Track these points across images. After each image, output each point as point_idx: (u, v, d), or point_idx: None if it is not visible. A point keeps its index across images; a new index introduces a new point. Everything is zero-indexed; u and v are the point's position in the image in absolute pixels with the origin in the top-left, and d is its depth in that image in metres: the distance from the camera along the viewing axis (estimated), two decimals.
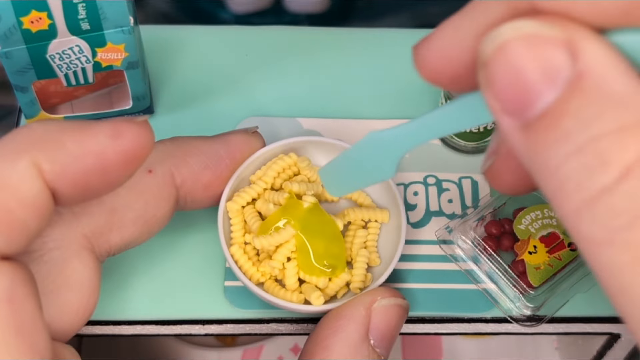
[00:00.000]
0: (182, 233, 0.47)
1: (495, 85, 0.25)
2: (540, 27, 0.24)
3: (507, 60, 0.24)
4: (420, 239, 0.48)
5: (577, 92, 0.23)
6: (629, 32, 0.24)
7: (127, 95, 0.49)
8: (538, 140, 0.24)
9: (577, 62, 0.23)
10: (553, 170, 0.24)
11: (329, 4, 0.75)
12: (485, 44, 0.25)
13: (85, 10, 0.42)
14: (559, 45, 0.24)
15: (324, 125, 0.51)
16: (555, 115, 0.23)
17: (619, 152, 0.22)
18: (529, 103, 0.24)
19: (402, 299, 0.42)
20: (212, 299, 0.46)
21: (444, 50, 0.28)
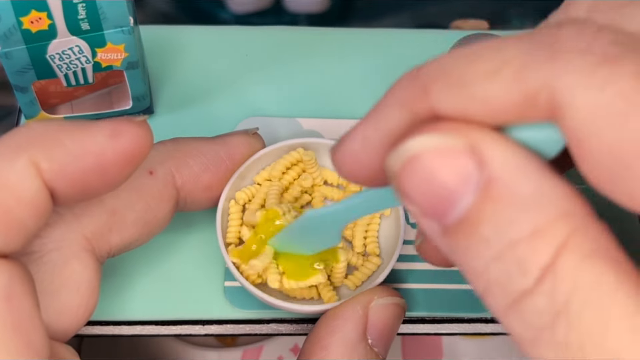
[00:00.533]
0: (182, 233, 0.47)
1: (410, 195, 0.26)
2: (443, 138, 0.25)
3: (418, 173, 0.25)
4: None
5: (488, 198, 0.24)
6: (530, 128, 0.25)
7: (127, 95, 0.49)
8: (459, 245, 0.25)
9: (483, 169, 0.24)
10: (478, 274, 0.24)
11: (329, 4, 0.75)
12: (393, 159, 0.26)
13: (85, 10, 0.42)
14: (463, 153, 0.24)
15: (324, 125, 0.51)
16: (472, 222, 0.24)
17: (535, 257, 0.23)
18: (446, 210, 0.25)
19: (399, 298, 0.42)
20: (212, 299, 0.46)
21: (354, 156, 0.29)
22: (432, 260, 0.36)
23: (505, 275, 0.24)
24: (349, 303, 0.41)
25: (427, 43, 0.55)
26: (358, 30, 0.57)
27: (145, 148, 0.34)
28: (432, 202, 0.25)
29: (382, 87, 0.52)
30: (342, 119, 0.52)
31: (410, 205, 0.26)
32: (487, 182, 0.24)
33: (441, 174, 0.25)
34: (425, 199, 0.25)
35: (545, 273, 0.23)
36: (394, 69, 0.54)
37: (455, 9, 0.71)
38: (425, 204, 0.25)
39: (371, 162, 0.29)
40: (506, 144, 0.24)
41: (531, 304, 0.23)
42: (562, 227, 0.23)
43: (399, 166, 0.26)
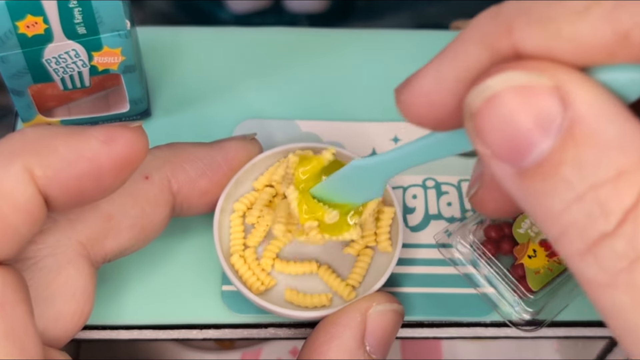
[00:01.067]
0: (179, 238, 0.47)
1: (486, 136, 0.25)
2: (528, 76, 0.24)
3: (497, 112, 0.25)
4: (419, 243, 0.47)
5: (571, 140, 0.24)
6: (615, 69, 0.24)
7: (124, 98, 0.48)
8: (536, 188, 0.24)
9: (568, 110, 0.24)
10: (555, 216, 0.24)
11: (329, 4, 0.75)
12: (473, 96, 0.25)
13: (81, 14, 0.42)
14: (548, 93, 0.24)
15: (323, 127, 0.51)
16: (552, 164, 0.24)
17: (618, 199, 0.23)
18: (524, 152, 0.24)
19: (397, 304, 0.42)
20: (210, 303, 0.46)
21: (426, 96, 0.28)
22: (487, 210, 0.35)
23: (586, 217, 0.23)
24: (347, 310, 0.41)
25: (428, 43, 0.55)
26: (358, 31, 0.57)
27: (141, 154, 0.33)
28: (510, 143, 0.25)
29: (382, 88, 0.53)
30: (342, 121, 0.51)
31: (484, 147, 0.25)
32: (571, 122, 0.24)
33: (523, 114, 0.24)
34: (504, 140, 0.25)
35: (627, 216, 0.23)
36: (394, 69, 0.54)
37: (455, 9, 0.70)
38: (503, 145, 0.25)
39: (445, 101, 0.28)
40: (591, 85, 0.24)
41: (610, 246, 0.23)
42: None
43: (478, 104, 0.25)
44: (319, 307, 0.43)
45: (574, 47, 0.24)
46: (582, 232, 0.24)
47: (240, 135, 0.45)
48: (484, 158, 0.26)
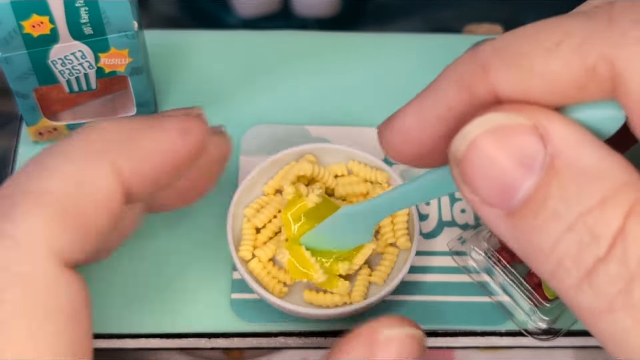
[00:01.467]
0: (188, 245, 0.46)
1: (472, 181, 0.26)
2: (506, 117, 0.25)
3: (479, 156, 0.26)
4: (432, 250, 0.47)
5: (554, 173, 0.25)
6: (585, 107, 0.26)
7: (131, 101, 0.48)
8: (526, 225, 0.25)
9: (548, 146, 0.25)
10: (549, 251, 0.25)
11: (339, 8, 0.75)
12: (456, 144, 0.26)
13: (88, 14, 0.41)
14: (527, 132, 0.25)
15: (333, 133, 0.50)
16: (539, 200, 0.25)
17: (606, 224, 0.24)
18: (510, 193, 0.25)
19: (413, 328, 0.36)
20: (219, 312, 0.45)
21: (407, 133, 0.29)
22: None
23: (578, 246, 0.24)
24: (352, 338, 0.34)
25: (440, 48, 0.55)
26: (369, 35, 0.57)
27: (206, 142, 0.34)
28: (496, 186, 0.26)
29: (393, 93, 0.52)
30: (352, 127, 0.51)
31: (471, 194, 0.26)
32: (551, 157, 0.25)
33: (505, 154, 0.25)
34: (490, 184, 0.26)
35: (616, 239, 0.24)
36: (406, 74, 0.54)
37: (468, 12, 0.70)
38: (490, 190, 0.26)
39: (425, 139, 0.28)
40: (566, 121, 0.25)
41: (605, 271, 0.24)
42: (627, 194, 0.24)
43: (462, 151, 0.26)
44: (340, 305, 0.43)
45: (547, 83, 0.25)
46: (576, 261, 0.24)
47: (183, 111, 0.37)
48: (472, 205, 0.27)
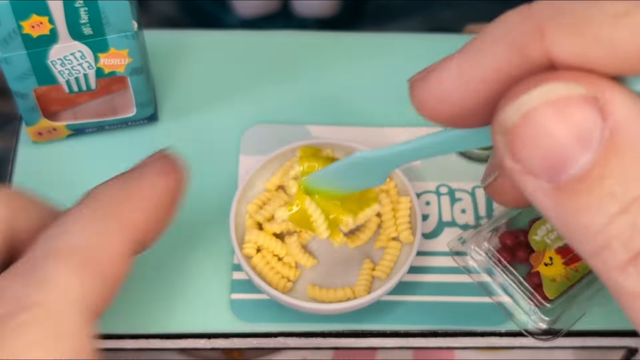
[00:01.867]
0: (187, 246, 0.46)
1: (521, 152, 0.24)
2: (565, 88, 0.23)
3: (535, 128, 0.24)
4: (433, 250, 0.47)
5: (612, 152, 0.23)
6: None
7: (130, 102, 0.48)
8: (576, 203, 0.24)
9: (607, 120, 0.23)
10: (597, 231, 0.24)
11: (338, 8, 0.74)
12: (508, 112, 0.24)
13: (87, 14, 0.41)
14: (586, 105, 0.23)
15: (333, 132, 0.50)
16: (594, 178, 0.23)
17: None
18: (563, 167, 0.24)
19: None
20: (218, 312, 0.45)
21: (445, 94, 0.27)
22: (506, 199, 0.33)
23: (631, 229, 0.23)
24: None
25: (440, 47, 0.54)
26: (369, 35, 0.57)
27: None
28: (549, 158, 0.24)
29: (393, 93, 0.52)
30: (352, 126, 0.51)
31: (514, 162, 0.25)
32: (611, 133, 0.23)
33: (562, 128, 0.23)
34: (541, 156, 0.24)
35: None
36: (406, 74, 0.53)
37: (468, 12, 0.70)
38: (540, 161, 0.24)
39: (465, 101, 0.27)
40: (629, 95, 0.23)
41: None
42: None
43: (514, 121, 0.24)
44: (343, 300, 0.43)
45: (610, 53, 0.23)
46: (626, 244, 0.23)
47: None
48: (513, 174, 0.25)
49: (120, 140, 0.50)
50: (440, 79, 0.27)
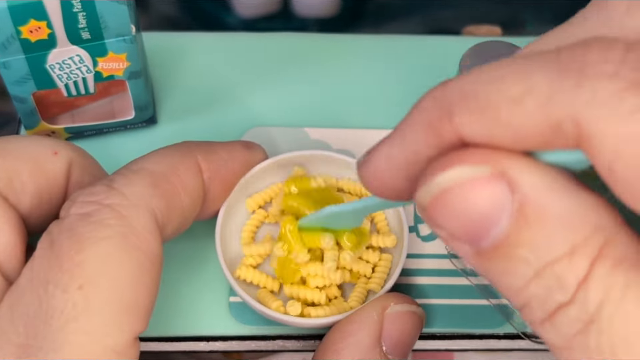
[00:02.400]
0: (185, 248, 0.46)
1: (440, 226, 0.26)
2: (471, 169, 0.25)
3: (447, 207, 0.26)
4: (430, 253, 0.47)
5: (522, 222, 0.24)
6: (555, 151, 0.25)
7: (129, 105, 0.48)
8: (496, 266, 0.25)
9: (515, 193, 0.24)
10: (516, 291, 0.25)
11: (339, 8, 0.74)
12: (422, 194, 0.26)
13: (86, 19, 0.41)
14: (494, 181, 0.25)
15: (332, 135, 0.50)
16: (508, 246, 0.25)
17: (573, 273, 0.24)
18: (479, 237, 0.25)
19: (416, 306, 0.42)
20: (217, 315, 0.45)
21: (380, 174, 0.29)
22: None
23: (545, 291, 0.25)
24: (364, 308, 0.41)
25: (440, 49, 0.55)
26: (368, 36, 0.56)
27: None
28: (465, 230, 0.26)
29: (392, 95, 0.52)
30: (351, 129, 0.51)
31: (440, 230, 0.26)
32: (520, 205, 0.24)
33: (473, 205, 0.25)
34: (458, 229, 0.26)
35: (580, 285, 0.24)
36: (405, 76, 0.53)
37: (467, 13, 0.70)
38: (458, 233, 0.26)
39: (396, 181, 0.28)
40: (534, 166, 0.25)
41: (566, 315, 0.24)
42: (596, 240, 0.24)
43: (428, 200, 0.26)
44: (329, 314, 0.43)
45: (512, 134, 0.24)
46: (541, 304, 0.25)
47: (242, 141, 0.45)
48: (442, 238, 0.27)
49: (119, 143, 0.50)
50: (375, 162, 0.29)
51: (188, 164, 0.39)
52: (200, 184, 0.40)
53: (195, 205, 0.39)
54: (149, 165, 0.38)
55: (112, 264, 0.33)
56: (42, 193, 0.37)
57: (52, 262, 0.32)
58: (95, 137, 0.49)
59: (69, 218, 0.34)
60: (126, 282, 0.33)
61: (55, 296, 0.32)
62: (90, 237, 0.33)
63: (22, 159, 0.37)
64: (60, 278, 0.32)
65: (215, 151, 0.41)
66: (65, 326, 0.31)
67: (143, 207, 0.35)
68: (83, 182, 0.39)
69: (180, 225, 0.39)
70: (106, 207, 0.34)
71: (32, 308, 0.32)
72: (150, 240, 0.35)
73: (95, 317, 0.32)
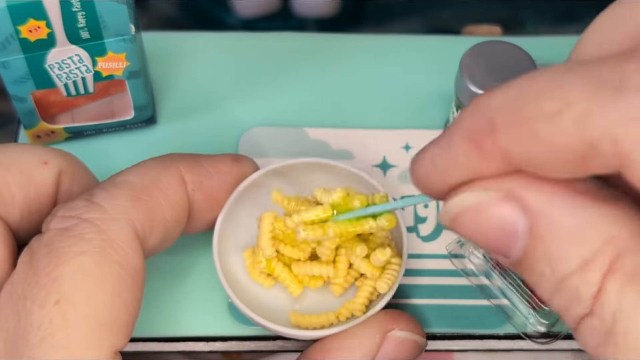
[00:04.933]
0: (185, 249, 0.46)
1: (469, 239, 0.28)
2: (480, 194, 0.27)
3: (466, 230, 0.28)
4: (431, 253, 0.47)
5: (537, 238, 0.26)
6: None
7: (128, 104, 0.48)
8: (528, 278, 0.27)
9: (527, 213, 0.26)
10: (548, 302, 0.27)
11: (339, 8, 0.74)
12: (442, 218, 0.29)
13: (85, 18, 0.41)
14: (503, 203, 0.26)
15: (332, 135, 0.50)
16: (529, 261, 0.26)
17: (587, 287, 0.25)
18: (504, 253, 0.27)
19: (420, 336, 0.41)
20: (217, 315, 0.45)
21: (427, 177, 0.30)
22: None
23: (567, 304, 0.26)
24: (368, 324, 0.40)
25: (440, 49, 0.54)
26: (368, 36, 0.56)
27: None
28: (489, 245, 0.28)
29: (393, 95, 0.52)
30: (352, 129, 0.51)
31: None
32: (532, 223, 0.26)
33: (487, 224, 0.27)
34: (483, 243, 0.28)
35: (595, 298, 0.25)
36: (406, 75, 0.53)
37: (468, 13, 0.70)
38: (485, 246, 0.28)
39: (440, 184, 0.29)
40: (543, 184, 0.26)
41: (588, 326, 0.25)
42: (607, 253, 0.25)
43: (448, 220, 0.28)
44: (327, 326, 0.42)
45: (550, 151, 0.25)
46: (567, 315, 0.26)
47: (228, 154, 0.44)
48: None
49: (119, 143, 0.50)
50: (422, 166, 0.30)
51: (171, 176, 0.39)
52: (184, 197, 0.39)
53: (179, 218, 0.39)
54: (130, 178, 0.37)
55: (90, 278, 0.33)
56: (32, 204, 0.37)
57: (29, 277, 0.32)
58: (95, 136, 0.49)
59: (48, 233, 0.34)
60: (104, 297, 0.33)
61: (33, 312, 0.32)
62: (68, 252, 0.33)
63: (11, 170, 0.37)
64: (37, 293, 0.32)
65: (199, 163, 0.41)
66: (43, 342, 0.31)
67: (123, 221, 0.35)
68: (72, 191, 0.39)
69: (164, 239, 0.38)
70: (85, 221, 0.34)
71: (12, 323, 0.32)
72: (130, 254, 0.35)
73: (73, 332, 0.32)
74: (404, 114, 0.51)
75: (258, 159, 0.47)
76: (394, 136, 0.50)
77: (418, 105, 0.52)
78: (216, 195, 0.42)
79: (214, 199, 0.42)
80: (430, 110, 0.51)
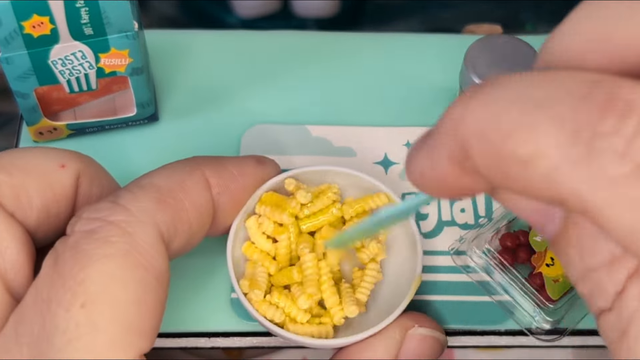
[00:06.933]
0: None
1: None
2: None
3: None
4: (432, 250, 0.47)
5: (574, 225, 0.26)
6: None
7: (131, 102, 0.48)
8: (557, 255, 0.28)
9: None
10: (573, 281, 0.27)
11: (339, 8, 0.74)
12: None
13: (88, 14, 0.41)
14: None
15: (334, 133, 0.50)
16: (561, 242, 0.27)
17: (611, 282, 0.25)
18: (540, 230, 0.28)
19: (440, 333, 0.42)
20: (219, 311, 0.45)
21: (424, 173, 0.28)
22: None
23: (589, 293, 0.26)
24: (390, 326, 0.41)
25: (440, 48, 0.54)
26: (369, 35, 0.56)
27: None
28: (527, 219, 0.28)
29: (393, 93, 0.52)
30: (353, 126, 0.51)
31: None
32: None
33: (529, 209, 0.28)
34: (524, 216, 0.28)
35: (616, 297, 0.25)
36: (406, 74, 0.53)
37: (468, 12, 0.70)
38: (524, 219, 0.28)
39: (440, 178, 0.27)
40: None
41: (608, 320, 0.26)
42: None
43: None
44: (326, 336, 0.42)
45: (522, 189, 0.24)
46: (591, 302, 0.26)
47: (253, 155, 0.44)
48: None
49: (121, 140, 0.50)
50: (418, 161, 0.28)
51: (196, 179, 0.39)
52: (209, 200, 0.39)
53: (203, 221, 0.39)
54: (156, 181, 0.37)
55: (115, 281, 0.32)
56: (50, 207, 0.37)
57: (55, 280, 0.32)
58: (97, 134, 0.49)
59: (73, 235, 0.34)
60: (130, 300, 0.33)
61: (58, 315, 0.31)
62: (93, 254, 0.33)
63: (29, 174, 0.37)
64: (63, 296, 0.32)
65: (224, 166, 0.41)
66: (68, 346, 0.31)
67: (148, 224, 0.35)
68: (91, 193, 0.39)
69: (188, 242, 0.38)
70: (110, 223, 0.34)
71: (36, 327, 0.32)
72: (155, 257, 0.34)
73: (99, 336, 0.31)
74: (405, 111, 0.51)
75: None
76: (396, 133, 0.50)
77: (419, 102, 0.52)
78: (240, 197, 0.42)
79: (238, 201, 0.42)
80: (432, 108, 0.51)
